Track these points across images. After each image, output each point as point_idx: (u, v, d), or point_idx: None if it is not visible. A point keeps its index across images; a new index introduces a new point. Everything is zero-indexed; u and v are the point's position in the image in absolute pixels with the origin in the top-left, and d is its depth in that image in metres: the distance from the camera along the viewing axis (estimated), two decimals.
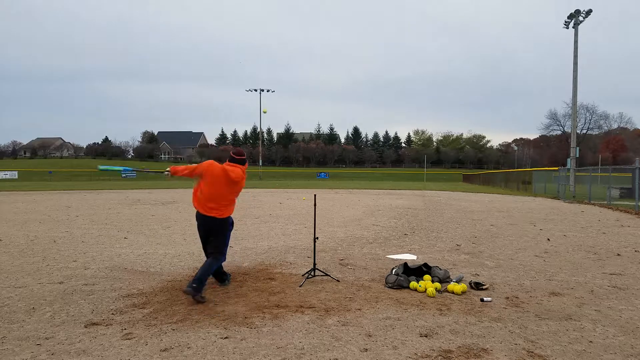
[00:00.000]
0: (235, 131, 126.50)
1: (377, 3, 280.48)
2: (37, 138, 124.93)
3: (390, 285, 5.30)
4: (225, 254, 5.24)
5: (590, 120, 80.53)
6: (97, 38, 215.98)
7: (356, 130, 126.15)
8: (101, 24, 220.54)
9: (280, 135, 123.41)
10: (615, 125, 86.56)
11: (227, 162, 5.12)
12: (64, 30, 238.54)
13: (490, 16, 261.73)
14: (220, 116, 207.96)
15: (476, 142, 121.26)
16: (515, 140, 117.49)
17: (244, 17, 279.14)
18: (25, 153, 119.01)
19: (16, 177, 62.20)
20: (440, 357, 3.35)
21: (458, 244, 8.68)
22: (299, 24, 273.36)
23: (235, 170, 5.03)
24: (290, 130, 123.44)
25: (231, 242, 8.68)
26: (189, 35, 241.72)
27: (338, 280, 5.60)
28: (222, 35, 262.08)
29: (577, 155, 29.80)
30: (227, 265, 6.60)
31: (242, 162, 5.14)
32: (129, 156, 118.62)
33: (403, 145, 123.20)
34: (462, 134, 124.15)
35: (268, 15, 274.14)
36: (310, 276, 5.66)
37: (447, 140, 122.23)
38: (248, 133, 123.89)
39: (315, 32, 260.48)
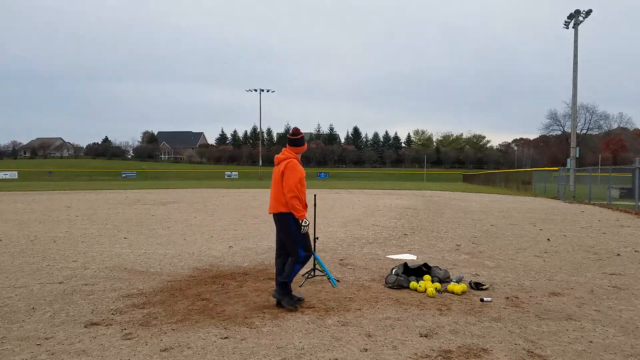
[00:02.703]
0: (235, 131, 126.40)
1: (377, 3, 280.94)
2: (37, 138, 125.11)
3: (390, 285, 5.30)
4: (299, 256, 4.52)
5: (590, 120, 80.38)
6: (97, 38, 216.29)
7: (356, 130, 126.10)
8: (101, 24, 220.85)
9: (280, 135, 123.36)
10: (615, 125, 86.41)
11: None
12: (65, 30, 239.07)
13: (490, 16, 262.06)
14: (220, 116, 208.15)
15: (476, 142, 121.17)
16: (515, 140, 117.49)
17: (245, 17, 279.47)
18: (25, 153, 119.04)
19: (16, 177, 62.19)
20: (440, 357, 3.35)
21: (458, 244, 8.68)
22: (299, 23, 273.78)
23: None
24: (290, 131, 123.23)
25: (231, 242, 8.70)
26: (189, 35, 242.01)
27: (338, 280, 5.60)
28: (223, 35, 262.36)
29: (577, 155, 29.82)
30: (227, 265, 6.61)
31: (293, 143, 4.88)
32: (129, 156, 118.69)
33: (403, 145, 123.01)
34: (462, 134, 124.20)
35: (269, 15, 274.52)
36: (310, 276, 5.66)
37: (447, 140, 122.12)
38: (248, 133, 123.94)
39: (316, 31, 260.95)
